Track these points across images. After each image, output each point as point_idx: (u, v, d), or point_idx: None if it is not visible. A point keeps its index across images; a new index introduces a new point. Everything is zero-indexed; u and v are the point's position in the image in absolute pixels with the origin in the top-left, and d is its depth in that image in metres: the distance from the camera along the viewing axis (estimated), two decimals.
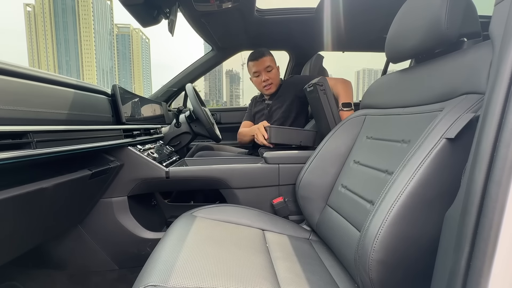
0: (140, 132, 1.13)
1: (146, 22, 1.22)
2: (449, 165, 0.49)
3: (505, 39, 0.36)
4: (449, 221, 0.44)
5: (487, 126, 0.35)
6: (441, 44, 0.65)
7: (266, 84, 1.50)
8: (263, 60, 1.47)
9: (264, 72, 1.49)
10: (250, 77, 1.57)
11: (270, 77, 1.49)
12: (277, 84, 1.53)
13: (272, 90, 1.52)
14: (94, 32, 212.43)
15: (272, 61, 1.50)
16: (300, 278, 0.63)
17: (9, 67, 0.61)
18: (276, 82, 1.52)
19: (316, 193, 0.92)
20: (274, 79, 1.51)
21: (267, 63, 1.48)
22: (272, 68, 1.49)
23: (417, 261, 0.51)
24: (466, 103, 0.53)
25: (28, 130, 0.60)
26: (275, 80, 1.51)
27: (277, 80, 1.53)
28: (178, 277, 0.52)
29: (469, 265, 0.35)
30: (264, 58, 1.48)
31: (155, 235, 1.04)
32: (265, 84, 1.50)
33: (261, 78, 1.49)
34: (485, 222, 0.33)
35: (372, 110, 0.88)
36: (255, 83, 1.54)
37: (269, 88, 1.51)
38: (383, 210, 0.51)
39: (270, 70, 1.49)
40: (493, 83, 0.36)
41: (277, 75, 1.53)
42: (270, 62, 1.49)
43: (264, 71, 1.48)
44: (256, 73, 1.50)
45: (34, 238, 0.78)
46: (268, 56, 1.50)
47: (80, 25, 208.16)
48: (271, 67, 1.49)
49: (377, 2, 1.40)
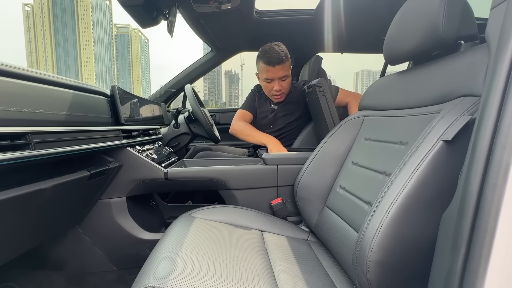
0: (139, 133, 1.13)
1: (145, 23, 1.22)
2: (446, 167, 0.50)
3: (500, 43, 0.37)
4: (445, 223, 0.44)
5: (483, 129, 0.36)
6: (438, 47, 0.66)
7: (277, 94, 1.34)
8: (280, 68, 1.26)
9: (278, 81, 1.30)
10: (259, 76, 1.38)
11: (283, 87, 1.32)
12: (287, 93, 1.39)
13: (281, 99, 1.38)
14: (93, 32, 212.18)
15: (289, 67, 1.31)
16: (298, 279, 0.63)
17: (7, 68, 0.61)
18: (288, 90, 1.37)
19: (314, 194, 0.92)
20: (286, 89, 1.35)
21: (284, 72, 1.28)
22: (288, 77, 1.31)
23: (414, 262, 0.51)
24: (463, 105, 0.53)
25: (26, 131, 0.60)
26: (287, 89, 1.36)
27: (288, 89, 1.37)
28: (177, 278, 0.52)
29: (465, 266, 0.35)
30: (282, 66, 1.26)
31: (153, 236, 1.03)
32: (276, 93, 1.34)
33: (273, 86, 1.32)
34: (481, 224, 0.34)
35: (371, 112, 0.89)
36: (264, 87, 1.37)
37: (279, 97, 1.36)
38: (381, 211, 0.51)
39: (285, 80, 1.31)
40: (489, 86, 0.36)
41: (289, 83, 1.36)
42: (287, 71, 1.29)
43: (278, 80, 1.30)
44: (268, 80, 1.31)
45: (32, 239, 0.78)
46: (287, 62, 1.28)
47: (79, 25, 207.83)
48: (286, 76, 1.30)
49: (376, 4, 1.41)
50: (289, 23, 1.59)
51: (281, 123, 1.42)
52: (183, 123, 1.52)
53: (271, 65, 1.26)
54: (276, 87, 1.31)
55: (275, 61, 1.25)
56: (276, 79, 1.29)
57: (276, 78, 1.29)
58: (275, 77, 1.29)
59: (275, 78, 1.29)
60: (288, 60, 1.30)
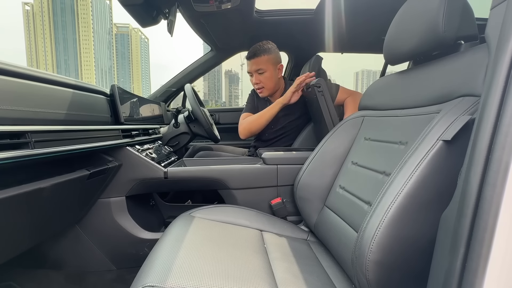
0: (139, 132, 1.13)
1: (145, 22, 1.22)
2: (446, 167, 0.50)
3: (500, 43, 0.37)
4: (445, 222, 0.44)
5: (483, 129, 0.36)
6: (438, 47, 0.66)
7: (257, 87, 1.38)
8: (255, 61, 1.32)
9: (255, 74, 1.34)
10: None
11: (261, 81, 1.35)
12: (270, 89, 1.38)
13: (265, 94, 1.40)
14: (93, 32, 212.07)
15: (268, 62, 1.32)
16: (297, 278, 0.63)
17: (7, 67, 0.61)
18: (269, 86, 1.37)
19: (314, 194, 0.92)
20: (266, 83, 1.36)
21: (258, 65, 1.32)
22: (265, 71, 1.32)
23: (413, 262, 0.51)
24: (463, 105, 0.53)
25: (26, 130, 0.60)
26: (267, 84, 1.36)
27: (271, 84, 1.37)
28: (176, 278, 0.52)
29: (464, 266, 0.35)
30: (256, 59, 1.31)
31: (153, 236, 1.03)
32: (256, 87, 1.38)
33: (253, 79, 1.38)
34: (480, 224, 0.34)
35: (370, 112, 0.89)
36: (250, 81, 1.42)
37: (261, 92, 1.39)
38: (380, 211, 0.51)
39: (262, 73, 1.33)
40: (489, 86, 0.36)
41: (270, 78, 1.35)
42: (263, 64, 1.32)
43: (255, 73, 1.34)
44: (249, 73, 1.38)
45: (31, 238, 0.78)
46: (263, 56, 1.31)
47: (79, 24, 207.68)
48: (262, 70, 1.32)
49: (376, 4, 1.41)
50: (289, 22, 1.59)
51: (282, 123, 1.42)
52: (183, 123, 1.51)
53: (247, 59, 1.36)
54: (254, 80, 1.37)
55: (250, 55, 1.34)
56: (253, 72, 1.35)
57: (252, 71, 1.36)
58: (251, 70, 1.36)
59: (251, 71, 1.36)
60: (267, 55, 1.32)
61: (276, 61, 1.36)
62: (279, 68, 1.38)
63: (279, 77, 1.40)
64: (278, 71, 1.38)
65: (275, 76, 1.38)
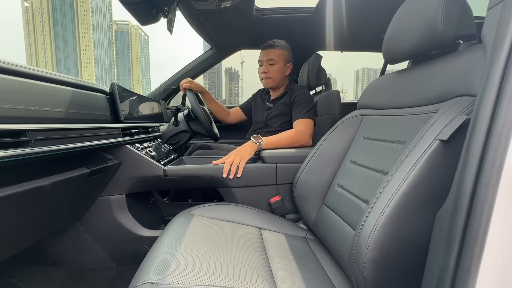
0: (138, 130, 1.14)
1: (145, 20, 1.22)
2: (442, 166, 0.50)
3: (495, 44, 0.37)
4: (440, 221, 0.45)
5: (477, 129, 0.36)
6: (437, 46, 0.66)
7: (264, 76, 1.46)
8: (269, 52, 1.43)
9: (266, 63, 1.44)
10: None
11: (270, 71, 1.44)
12: (276, 81, 1.46)
13: (268, 85, 1.48)
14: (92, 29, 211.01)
15: (280, 56, 1.43)
16: (295, 276, 0.64)
17: (6, 65, 0.62)
18: (276, 78, 1.46)
19: (313, 192, 0.93)
20: (274, 74, 1.45)
21: (271, 55, 1.42)
22: (275, 63, 1.43)
23: (409, 260, 0.52)
24: (460, 105, 0.54)
25: (26, 128, 0.60)
26: (274, 75, 1.45)
27: (278, 77, 1.46)
28: (175, 275, 0.53)
29: (458, 264, 0.36)
30: (271, 50, 1.43)
31: (153, 233, 1.04)
32: (263, 76, 1.47)
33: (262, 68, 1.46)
34: (473, 222, 0.34)
35: (369, 111, 0.89)
36: (258, 70, 1.50)
37: (266, 81, 1.48)
38: (377, 209, 0.52)
39: (273, 64, 1.43)
40: (484, 86, 0.37)
41: (278, 71, 1.45)
42: (276, 56, 1.42)
43: (266, 62, 1.44)
44: (260, 62, 1.48)
45: (32, 235, 0.79)
46: (278, 49, 1.43)
47: (79, 22, 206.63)
48: (274, 61, 1.43)
49: (376, 2, 1.41)
50: (289, 21, 1.58)
51: (275, 122, 1.45)
52: (182, 121, 1.52)
53: (263, 48, 1.46)
54: (263, 69, 1.45)
55: (266, 45, 1.45)
56: (264, 61, 1.44)
57: (264, 60, 1.44)
58: (263, 59, 1.45)
59: (263, 60, 1.45)
60: (282, 50, 1.43)
61: (288, 59, 1.46)
62: (288, 67, 1.46)
63: (286, 74, 1.48)
64: (287, 69, 1.47)
65: (283, 72, 1.46)
